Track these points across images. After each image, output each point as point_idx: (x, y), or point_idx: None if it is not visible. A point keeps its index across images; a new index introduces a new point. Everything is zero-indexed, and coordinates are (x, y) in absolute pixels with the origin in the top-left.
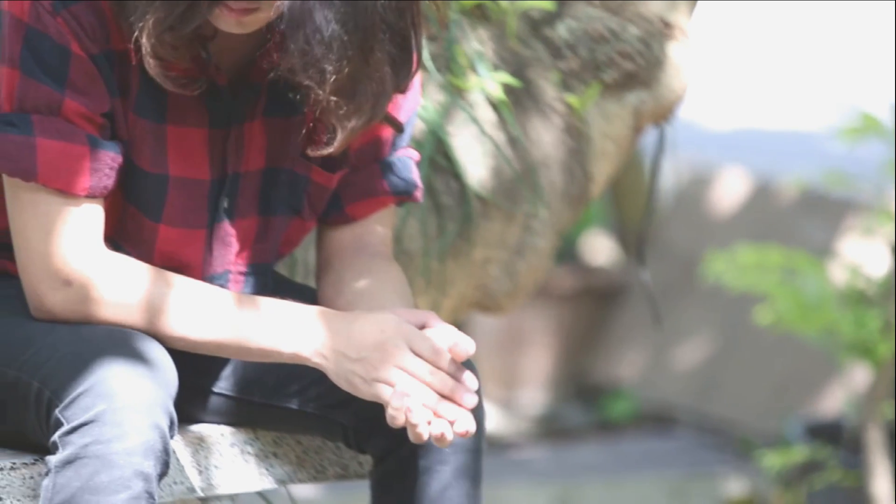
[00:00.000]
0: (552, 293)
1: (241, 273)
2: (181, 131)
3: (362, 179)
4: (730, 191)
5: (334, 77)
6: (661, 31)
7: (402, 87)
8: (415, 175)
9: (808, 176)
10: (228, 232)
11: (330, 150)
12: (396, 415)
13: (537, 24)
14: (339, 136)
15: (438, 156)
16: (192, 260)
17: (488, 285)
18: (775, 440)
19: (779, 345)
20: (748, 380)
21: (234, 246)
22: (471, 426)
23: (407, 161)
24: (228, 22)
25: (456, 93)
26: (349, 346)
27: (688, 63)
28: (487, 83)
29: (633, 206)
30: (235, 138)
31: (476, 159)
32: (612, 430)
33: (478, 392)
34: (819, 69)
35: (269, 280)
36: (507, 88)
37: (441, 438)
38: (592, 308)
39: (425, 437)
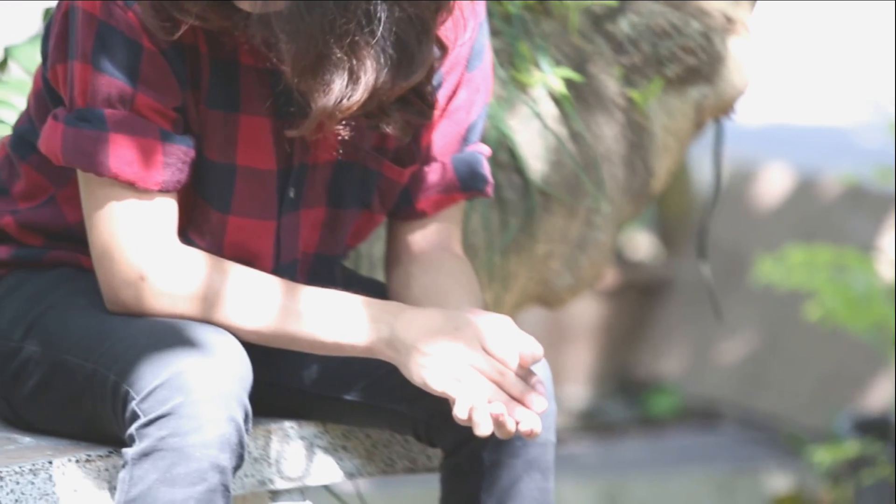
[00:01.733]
0: (595, 289)
1: (309, 264)
2: (251, 121)
3: (433, 175)
4: (773, 186)
5: (292, 57)
6: (724, 25)
7: (399, 81)
8: (486, 170)
9: (851, 171)
10: (297, 223)
11: (303, 131)
12: (462, 412)
13: (599, 20)
14: (310, 116)
15: (501, 151)
16: (262, 250)
17: (550, 280)
18: (822, 435)
19: (826, 340)
20: (794, 375)
21: (303, 237)
22: (536, 426)
23: (478, 157)
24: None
25: (518, 88)
26: (421, 340)
27: (749, 58)
28: (550, 78)
29: (674, 201)
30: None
31: (538, 154)
32: (655, 426)
33: (546, 383)
34: (851, 65)
35: (337, 272)
36: (570, 83)
37: (505, 434)
38: (635, 303)
39: (488, 433)
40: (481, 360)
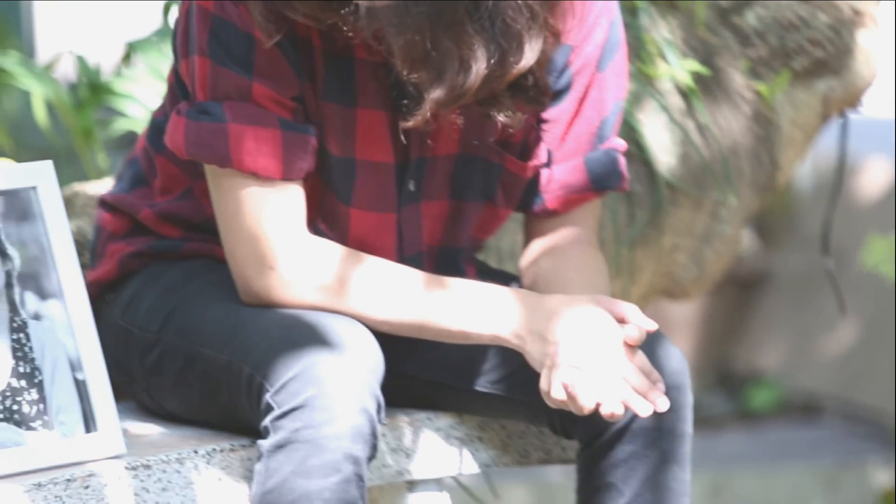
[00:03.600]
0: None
1: (434, 257)
2: (369, 114)
3: (565, 175)
4: (872, 180)
5: (401, 49)
6: (851, 18)
7: (510, 68)
8: (620, 166)
9: None
10: (418, 215)
11: (417, 122)
12: (587, 403)
13: (726, 13)
14: (423, 106)
15: (629, 143)
16: (384, 243)
17: (675, 273)
18: None
19: None
20: None
21: (426, 229)
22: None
23: (612, 154)
24: None
25: (646, 81)
26: (548, 328)
27: (877, 50)
28: (677, 71)
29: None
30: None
31: (665, 147)
32: (755, 419)
33: (683, 374)
34: None
35: (461, 264)
36: (696, 76)
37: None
38: (733, 297)
39: (620, 414)
40: (607, 350)
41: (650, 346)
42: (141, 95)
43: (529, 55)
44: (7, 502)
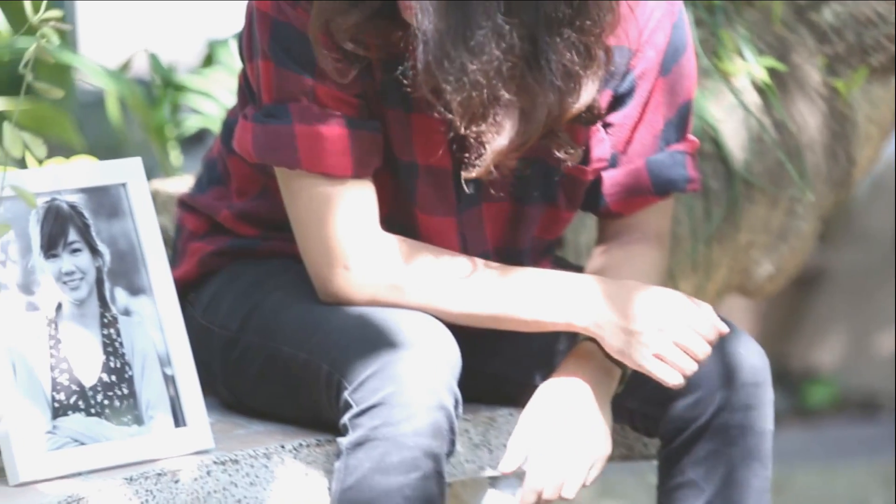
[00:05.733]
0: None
1: (500, 258)
2: (424, 120)
3: (627, 178)
4: None
5: (460, 106)
6: None
7: (569, 108)
8: (688, 169)
9: None
10: (479, 218)
11: (480, 173)
12: (670, 385)
13: (802, 9)
14: (486, 156)
15: (705, 140)
16: (448, 246)
17: (750, 269)
18: None
19: None
20: None
21: (489, 231)
22: None
23: (678, 156)
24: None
25: (721, 77)
26: (626, 316)
27: None
28: (753, 68)
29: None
30: None
31: (741, 143)
32: (812, 417)
33: (764, 371)
34: None
35: (527, 263)
36: (772, 73)
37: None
38: (789, 294)
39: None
40: (692, 338)
41: (731, 342)
42: (221, 95)
43: (587, 95)
44: (99, 497)
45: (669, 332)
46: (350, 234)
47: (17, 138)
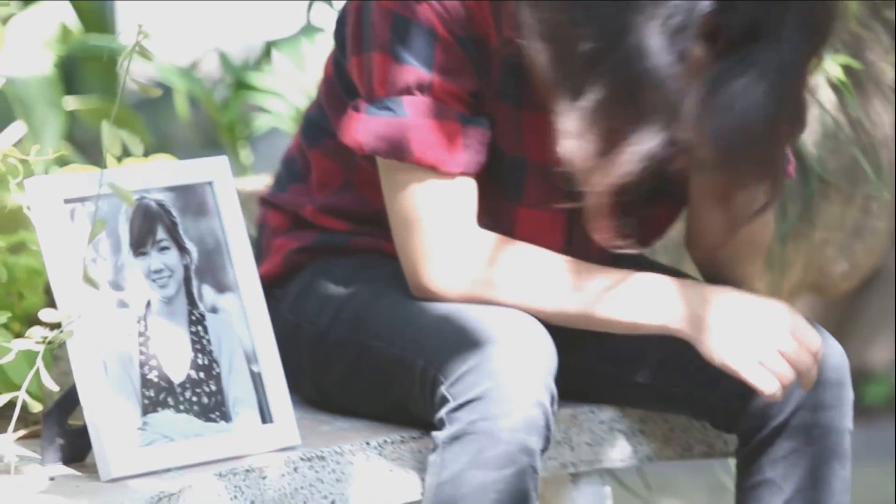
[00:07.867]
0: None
1: (603, 261)
2: (538, 116)
3: None
4: None
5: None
6: None
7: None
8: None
9: None
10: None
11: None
12: (766, 394)
13: (877, 7)
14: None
15: None
16: (552, 243)
17: (825, 267)
18: None
19: None
20: None
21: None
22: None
23: None
24: None
25: None
26: (721, 318)
27: None
28: (828, 65)
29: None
30: None
31: (817, 141)
32: (866, 415)
33: (843, 370)
34: None
35: (632, 268)
36: (847, 70)
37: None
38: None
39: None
40: (789, 344)
41: None
42: (284, 91)
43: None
44: (189, 493)
45: (773, 340)
46: (450, 229)
47: (116, 137)
